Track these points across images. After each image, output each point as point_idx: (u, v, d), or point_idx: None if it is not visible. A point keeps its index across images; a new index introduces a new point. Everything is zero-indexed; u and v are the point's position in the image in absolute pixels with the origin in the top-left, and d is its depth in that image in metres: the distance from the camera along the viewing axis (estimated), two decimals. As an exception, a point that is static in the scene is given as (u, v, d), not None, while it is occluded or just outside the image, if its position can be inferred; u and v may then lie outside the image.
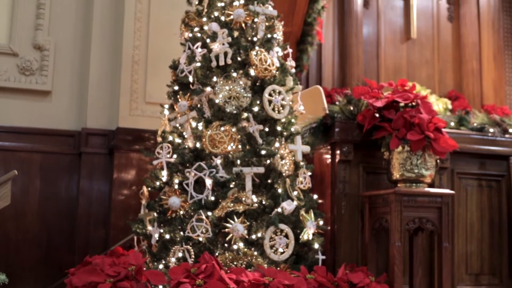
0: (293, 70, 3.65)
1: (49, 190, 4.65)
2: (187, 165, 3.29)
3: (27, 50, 4.79)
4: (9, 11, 4.82)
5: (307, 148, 3.43)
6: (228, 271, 2.86)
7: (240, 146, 3.23)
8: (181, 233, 3.15)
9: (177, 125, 3.45)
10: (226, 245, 3.11)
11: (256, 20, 3.46)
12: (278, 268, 3.04)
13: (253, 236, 3.10)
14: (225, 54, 3.35)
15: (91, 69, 4.82)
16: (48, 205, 4.63)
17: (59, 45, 4.88)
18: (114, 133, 4.66)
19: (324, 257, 3.32)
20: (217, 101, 3.30)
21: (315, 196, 3.42)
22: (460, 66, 8.38)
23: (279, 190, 3.20)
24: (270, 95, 3.33)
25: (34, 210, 4.59)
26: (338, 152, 3.56)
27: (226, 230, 3.07)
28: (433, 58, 8.33)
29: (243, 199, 3.13)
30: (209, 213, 3.12)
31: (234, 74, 3.34)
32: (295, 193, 3.27)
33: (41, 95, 4.78)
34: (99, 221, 4.63)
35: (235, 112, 3.26)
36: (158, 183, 3.42)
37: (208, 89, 3.35)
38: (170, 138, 3.44)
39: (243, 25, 3.43)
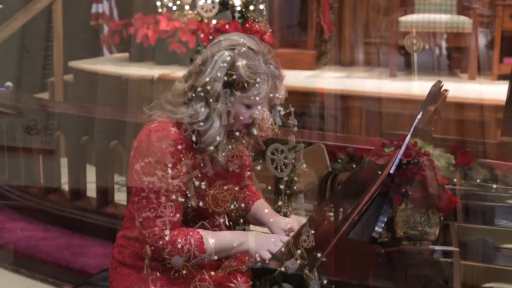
0: (296, 128, 3.67)
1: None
2: (190, 224, 3.29)
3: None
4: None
5: (310, 206, 3.42)
6: (231, 333, 2.83)
7: (242, 205, 3.23)
8: (184, 293, 3.13)
9: (180, 184, 3.44)
10: (229, 305, 3.08)
11: (258, 79, 3.49)
12: (282, 329, 2.99)
13: (257, 296, 3.07)
14: (228, 113, 3.38)
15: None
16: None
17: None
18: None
19: (329, 317, 3.28)
20: (220, 160, 3.31)
21: (319, 255, 3.39)
22: (463, 119, 8.41)
23: (282, 249, 3.18)
24: (272, 153, 3.34)
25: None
26: (341, 209, 3.55)
27: (229, 290, 3.05)
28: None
29: (246, 258, 3.11)
30: (212, 273, 3.10)
31: (237, 133, 3.37)
32: (299, 252, 3.24)
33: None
34: (103, 279, 4.59)
35: (237, 171, 3.27)
36: (161, 242, 3.40)
37: (211, 148, 3.37)
38: (173, 196, 3.43)
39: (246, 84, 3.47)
